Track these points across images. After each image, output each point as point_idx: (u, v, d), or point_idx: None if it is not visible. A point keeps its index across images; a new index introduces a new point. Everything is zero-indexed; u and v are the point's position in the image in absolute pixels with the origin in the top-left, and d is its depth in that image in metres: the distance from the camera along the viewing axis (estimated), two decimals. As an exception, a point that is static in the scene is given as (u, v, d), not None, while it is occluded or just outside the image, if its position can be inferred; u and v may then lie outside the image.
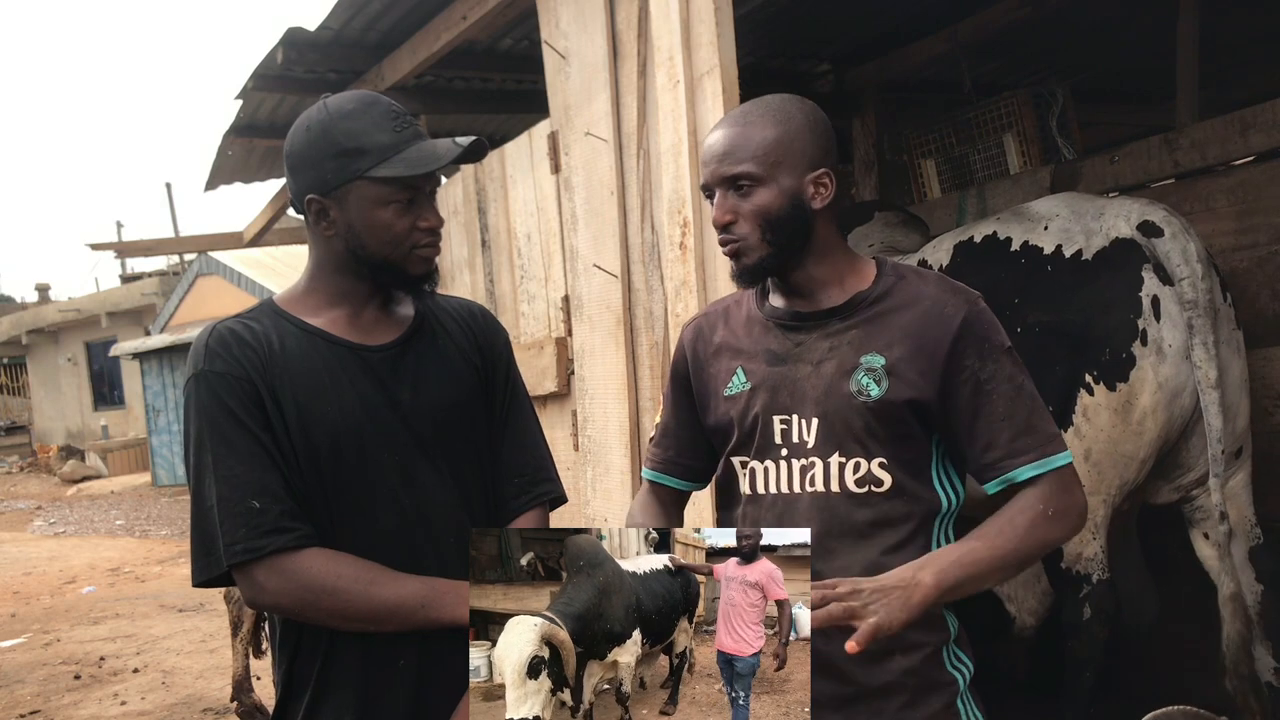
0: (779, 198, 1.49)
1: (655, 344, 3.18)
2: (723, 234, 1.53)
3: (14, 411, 24.42)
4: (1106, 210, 2.86)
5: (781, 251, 1.51)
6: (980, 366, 1.46)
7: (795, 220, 1.50)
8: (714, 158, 1.52)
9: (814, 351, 1.53)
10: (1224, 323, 2.77)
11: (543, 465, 1.73)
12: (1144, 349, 2.72)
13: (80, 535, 12.19)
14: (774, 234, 1.50)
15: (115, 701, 5.21)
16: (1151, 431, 2.75)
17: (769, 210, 1.49)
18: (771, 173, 1.49)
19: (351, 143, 1.51)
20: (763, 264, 1.52)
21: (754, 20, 4.62)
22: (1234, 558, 2.79)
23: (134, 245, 11.19)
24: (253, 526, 1.44)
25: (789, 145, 1.49)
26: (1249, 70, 5.83)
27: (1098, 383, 2.76)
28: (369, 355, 1.58)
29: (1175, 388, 2.72)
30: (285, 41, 4.36)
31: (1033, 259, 2.90)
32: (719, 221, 1.52)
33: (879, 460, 1.48)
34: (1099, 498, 2.81)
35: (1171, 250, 2.69)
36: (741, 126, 1.51)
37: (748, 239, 1.50)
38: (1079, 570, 2.86)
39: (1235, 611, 2.78)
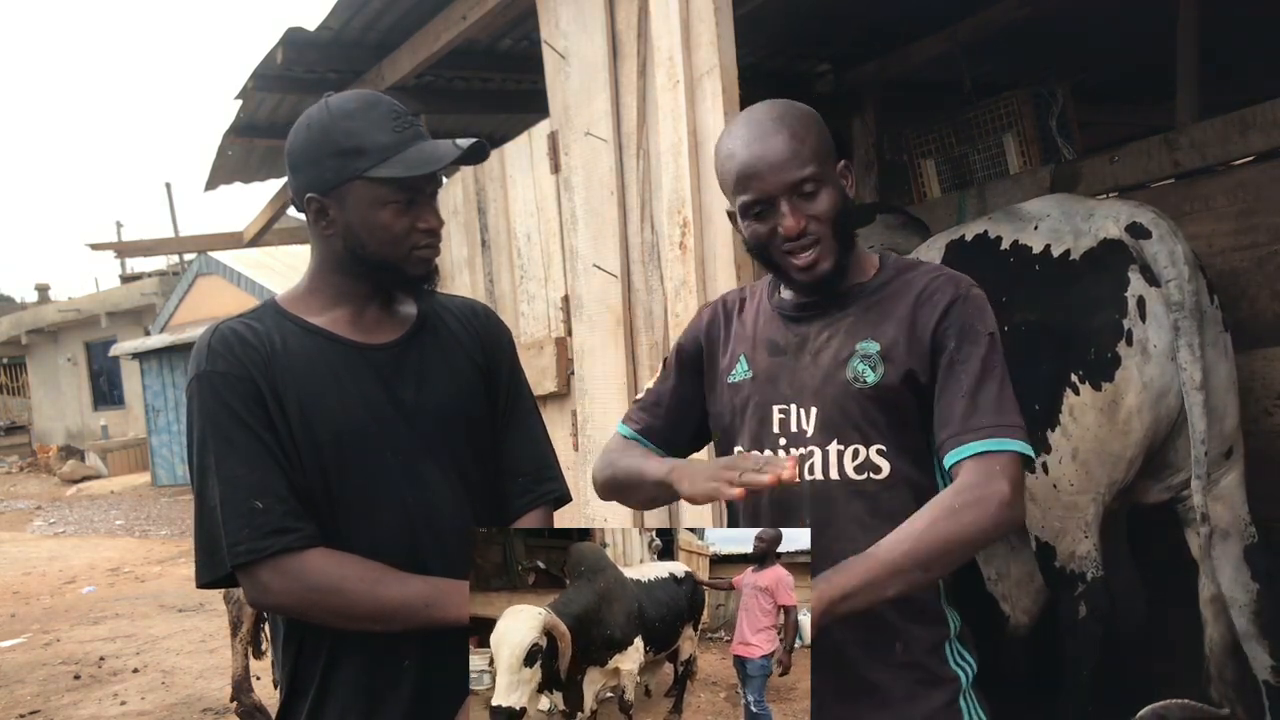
0: (837, 194, 1.51)
1: (655, 344, 3.18)
2: (797, 241, 1.49)
3: (14, 411, 24.42)
4: (1096, 211, 2.88)
5: (846, 248, 1.52)
6: (956, 348, 1.47)
7: (851, 213, 1.53)
8: (773, 167, 1.48)
9: (813, 342, 1.55)
10: (1210, 325, 2.77)
11: (546, 464, 1.73)
12: (1129, 349, 2.73)
13: (80, 535, 12.19)
14: (840, 231, 1.51)
15: (115, 701, 5.21)
16: (1138, 431, 2.76)
17: (835, 210, 1.50)
18: (828, 172, 1.50)
19: (351, 142, 1.51)
20: (838, 265, 1.51)
21: (754, 20, 4.62)
22: (1216, 559, 2.80)
23: (134, 245, 11.19)
24: (256, 527, 1.44)
25: (825, 143, 1.52)
26: (1249, 70, 5.83)
27: (1084, 382, 2.77)
28: (372, 354, 1.58)
29: (1161, 388, 2.73)
30: (285, 41, 4.36)
31: (1022, 258, 2.91)
32: (794, 230, 1.48)
33: (877, 447, 1.49)
34: (1088, 496, 2.82)
35: (1159, 252, 2.70)
36: (784, 132, 1.49)
37: (824, 241, 1.49)
38: (1073, 569, 2.87)
39: (1216, 614, 2.79)
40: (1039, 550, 2.94)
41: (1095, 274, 2.78)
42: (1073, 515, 2.84)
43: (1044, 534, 2.90)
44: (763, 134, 1.50)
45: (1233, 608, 2.81)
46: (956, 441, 1.43)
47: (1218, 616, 2.81)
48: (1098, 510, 2.84)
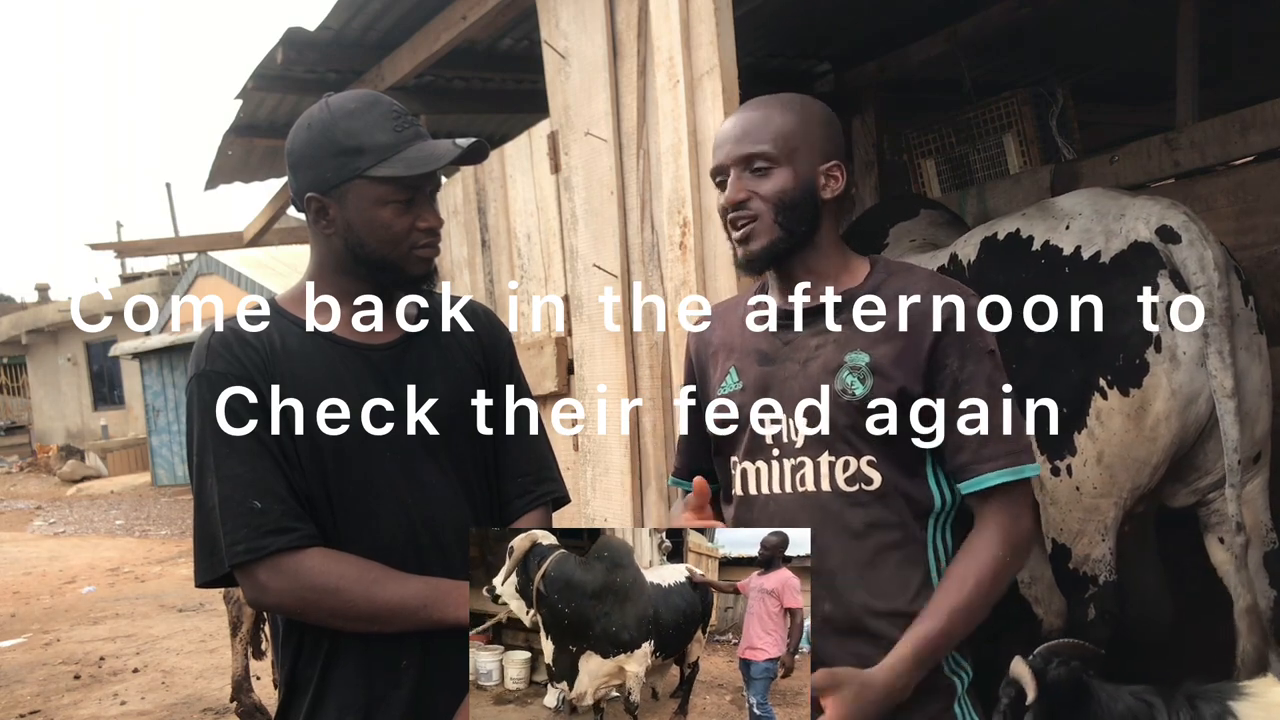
0: (794, 181, 1.50)
1: (655, 344, 3.18)
2: (735, 212, 1.52)
3: (14, 411, 24.41)
4: (1128, 211, 2.80)
5: (790, 237, 1.51)
6: (960, 367, 1.46)
7: (807, 207, 1.51)
8: (730, 139, 1.52)
9: (801, 350, 1.54)
10: (1244, 327, 2.72)
11: (545, 465, 1.73)
12: (1158, 355, 2.68)
13: (80, 535, 12.19)
14: (786, 218, 1.50)
15: (115, 701, 5.22)
16: (1165, 438, 2.72)
17: (784, 193, 1.49)
18: (789, 156, 1.50)
19: (351, 142, 1.51)
20: (772, 248, 1.51)
21: (754, 20, 4.61)
22: (1250, 568, 2.76)
23: (134, 245, 11.17)
24: (255, 527, 1.44)
25: (805, 132, 1.51)
26: (1249, 70, 5.83)
27: (1111, 387, 2.73)
28: (371, 354, 1.58)
29: (1190, 395, 2.68)
30: (285, 41, 4.35)
31: (1052, 259, 2.86)
32: (732, 200, 1.51)
33: (868, 459, 1.48)
34: (1110, 500, 2.79)
35: (1188, 258, 2.65)
36: (760, 110, 1.53)
37: (762, 218, 1.50)
38: (1086, 571, 2.85)
39: (1252, 625, 2.73)
40: (1054, 552, 2.91)
41: (1124, 278, 2.73)
42: (1092, 518, 2.82)
43: (1061, 536, 2.88)
44: (744, 110, 1.55)
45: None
46: (974, 471, 1.46)
47: (1252, 628, 2.73)
48: (1117, 514, 2.81)
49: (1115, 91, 6.31)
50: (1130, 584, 3.15)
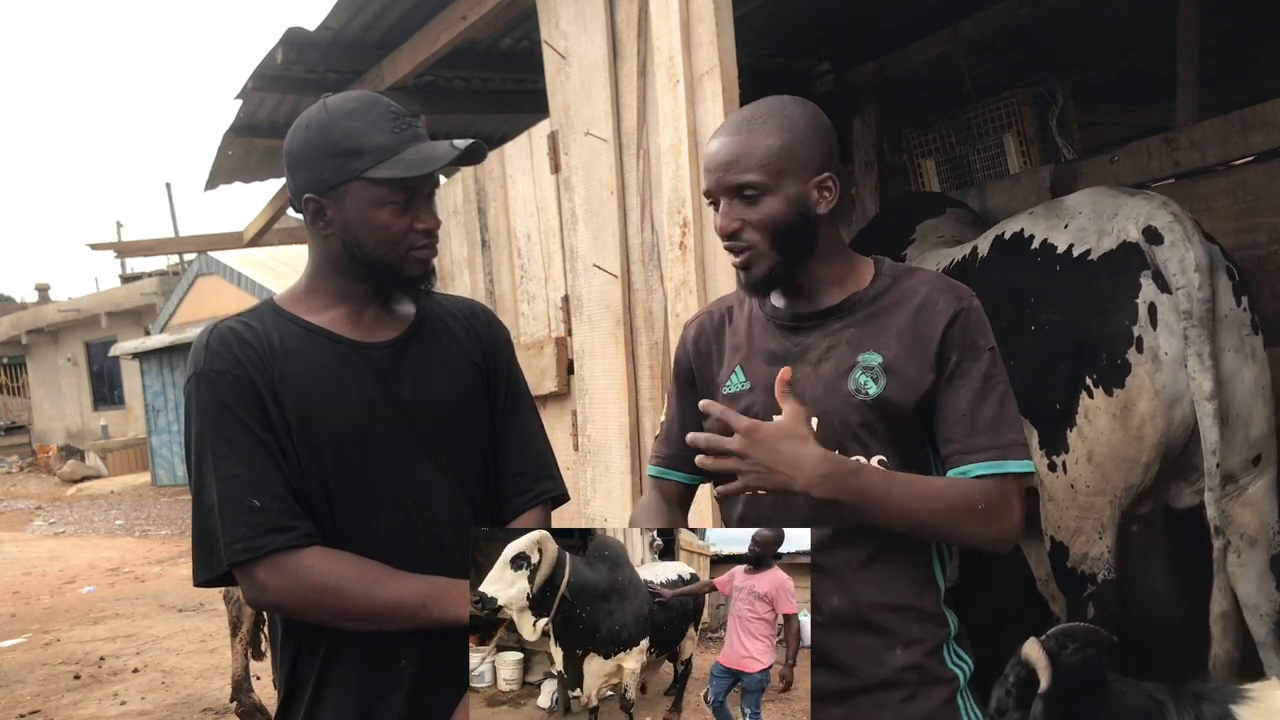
0: (785, 206, 1.49)
1: (655, 344, 3.18)
2: (730, 242, 1.52)
3: (14, 411, 24.42)
4: (1121, 210, 2.81)
5: (790, 260, 1.51)
6: (958, 362, 1.48)
7: (802, 227, 1.50)
8: (718, 166, 1.50)
9: (813, 351, 1.54)
10: (1234, 329, 2.71)
11: (544, 464, 1.73)
12: (1140, 356, 2.70)
13: (80, 535, 12.19)
14: (782, 242, 1.50)
15: (115, 701, 5.22)
16: (1151, 437, 2.73)
17: (776, 219, 1.49)
18: (778, 181, 1.48)
19: (349, 143, 1.51)
20: (773, 273, 1.52)
21: (754, 20, 4.61)
22: (1242, 566, 2.74)
23: (134, 245, 11.19)
24: (254, 525, 1.44)
25: (793, 152, 1.49)
26: (1249, 70, 5.83)
27: (1097, 386, 2.76)
28: (371, 353, 1.58)
29: (1173, 395, 2.69)
30: (285, 41, 4.35)
31: (1048, 257, 2.90)
32: (725, 230, 1.51)
33: (878, 458, 1.49)
34: (1105, 499, 2.80)
35: (1169, 259, 2.66)
36: (745, 134, 1.50)
37: (756, 247, 1.50)
38: (1084, 570, 2.86)
39: (1225, 630, 2.73)
40: (1052, 550, 2.91)
41: (1110, 278, 2.75)
42: (1089, 516, 2.82)
43: (1059, 534, 2.89)
44: (729, 130, 1.52)
45: (1254, 616, 2.77)
46: (959, 460, 1.47)
47: (1226, 633, 2.74)
48: (1114, 513, 2.81)
49: (1115, 91, 6.31)
50: (1138, 584, 3.15)
